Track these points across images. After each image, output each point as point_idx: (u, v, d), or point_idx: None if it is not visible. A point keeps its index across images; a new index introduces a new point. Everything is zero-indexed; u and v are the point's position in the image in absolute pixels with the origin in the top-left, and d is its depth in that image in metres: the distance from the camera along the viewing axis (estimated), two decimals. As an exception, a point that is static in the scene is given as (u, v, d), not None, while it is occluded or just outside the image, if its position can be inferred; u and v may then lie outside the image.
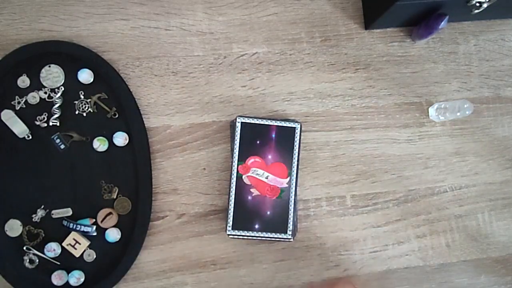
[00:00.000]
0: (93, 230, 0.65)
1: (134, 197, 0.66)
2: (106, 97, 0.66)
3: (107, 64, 0.66)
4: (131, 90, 0.67)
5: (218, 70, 0.69)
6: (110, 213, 0.65)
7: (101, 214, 0.65)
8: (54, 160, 0.65)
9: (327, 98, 0.70)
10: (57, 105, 0.65)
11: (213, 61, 0.69)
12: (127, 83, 0.67)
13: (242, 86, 0.69)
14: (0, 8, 0.66)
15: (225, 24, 0.69)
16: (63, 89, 0.66)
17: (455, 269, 0.71)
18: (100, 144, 0.65)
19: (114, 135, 0.66)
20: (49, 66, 0.65)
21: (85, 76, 0.65)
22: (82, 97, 0.66)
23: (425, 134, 0.71)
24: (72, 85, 0.66)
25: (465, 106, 0.67)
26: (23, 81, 0.65)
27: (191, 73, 0.69)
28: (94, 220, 0.65)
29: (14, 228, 0.64)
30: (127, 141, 0.66)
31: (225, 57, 0.69)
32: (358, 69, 0.71)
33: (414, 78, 0.71)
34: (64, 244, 0.64)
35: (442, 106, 0.69)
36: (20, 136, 0.65)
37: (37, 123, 0.65)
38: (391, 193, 0.70)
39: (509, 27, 0.73)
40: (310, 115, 0.70)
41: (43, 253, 0.64)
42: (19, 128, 0.64)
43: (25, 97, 0.65)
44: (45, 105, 0.65)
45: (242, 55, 0.69)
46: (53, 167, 0.65)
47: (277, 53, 0.70)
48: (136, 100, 0.67)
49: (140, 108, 0.67)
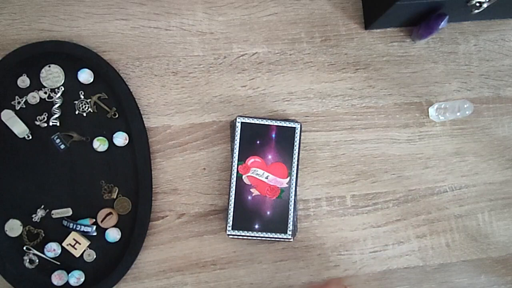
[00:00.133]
0: (93, 230, 0.65)
1: (134, 197, 0.66)
2: (106, 97, 0.66)
3: (107, 64, 0.66)
4: (131, 90, 0.67)
5: (218, 70, 0.69)
6: (110, 213, 0.65)
7: (101, 214, 0.65)
8: (54, 160, 0.65)
9: (327, 98, 0.70)
10: (57, 105, 0.65)
11: (213, 61, 0.69)
12: (127, 83, 0.67)
13: (242, 86, 0.69)
14: (0, 8, 0.66)
15: (225, 24, 0.69)
16: (63, 89, 0.66)
17: (455, 269, 0.71)
18: (100, 144, 0.65)
19: (114, 135, 0.66)
20: (49, 66, 0.65)
21: (85, 76, 0.65)
22: (82, 97, 0.66)
23: (425, 134, 0.71)
24: (72, 85, 0.66)
25: (465, 106, 0.67)
26: (23, 81, 0.65)
27: (191, 73, 0.69)
28: (94, 220, 0.65)
29: (14, 228, 0.64)
30: (127, 141, 0.66)
31: (225, 57, 0.69)
32: (358, 69, 0.71)
33: (414, 78, 0.71)
34: (64, 244, 0.64)
35: (442, 106, 0.69)
36: (20, 136, 0.65)
37: (37, 123, 0.65)
38: (391, 193, 0.70)
39: (509, 27, 0.73)
40: (310, 115, 0.70)
41: (43, 253, 0.64)
42: (19, 128, 0.64)
43: (25, 97, 0.65)
44: (45, 105, 0.65)
45: (242, 55, 0.69)
46: (53, 167, 0.65)
47: (277, 53, 0.70)
48: (136, 100, 0.67)
49: (140, 108, 0.67)
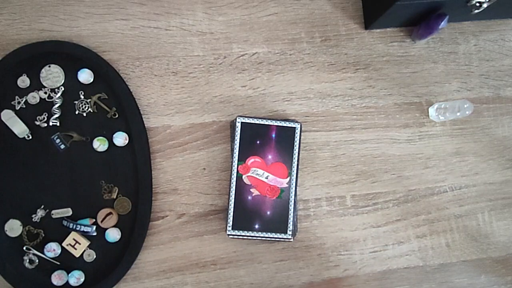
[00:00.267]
0: (93, 230, 0.65)
1: (134, 197, 0.66)
2: (106, 97, 0.66)
3: (107, 64, 0.66)
4: (131, 90, 0.67)
5: (218, 70, 0.69)
6: (110, 213, 0.65)
7: (101, 214, 0.65)
8: (54, 160, 0.65)
9: (327, 98, 0.70)
10: (57, 105, 0.65)
11: (213, 61, 0.69)
12: (127, 83, 0.67)
13: (242, 86, 0.69)
14: (0, 8, 0.66)
15: (225, 24, 0.69)
16: (63, 89, 0.66)
17: (455, 269, 0.71)
18: (100, 144, 0.65)
19: (114, 135, 0.66)
20: (49, 66, 0.65)
21: (85, 76, 0.65)
22: (82, 97, 0.66)
23: (425, 134, 0.71)
24: (72, 85, 0.66)
25: (465, 106, 0.67)
26: (23, 81, 0.65)
27: (191, 73, 0.69)
28: (94, 220, 0.65)
29: (14, 228, 0.64)
30: (127, 141, 0.66)
31: (225, 57, 0.69)
32: (358, 69, 0.71)
33: (414, 78, 0.71)
34: (64, 244, 0.64)
35: (442, 106, 0.69)
36: (20, 136, 0.65)
37: (37, 123, 0.65)
38: (391, 193, 0.70)
39: (509, 27, 0.73)
40: (310, 115, 0.70)
41: (43, 253, 0.64)
42: (19, 128, 0.64)
43: (25, 97, 0.65)
44: (45, 105, 0.65)
45: (242, 55, 0.69)
46: (53, 167, 0.65)
47: (277, 53, 0.70)
48: (136, 100, 0.67)
49: (140, 108, 0.67)
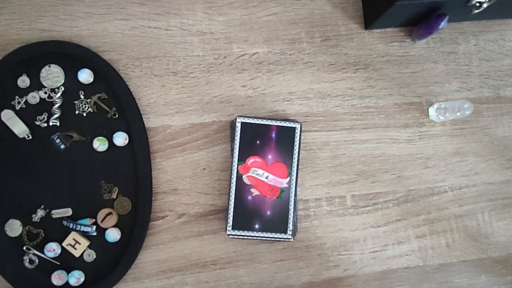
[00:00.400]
0: (93, 230, 0.65)
1: (134, 197, 0.66)
2: (106, 97, 0.66)
3: (107, 64, 0.66)
4: (131, 90, 0.67)
5: (218, 70, 0.69)
6: (110, 213, 0.65)
7: (101, 214, 0.65)
8: (54, 160, 0.65)
9: (327, 98, 0.70)
10: (57, 105, 0.65)
11: (213, 61, 0.69)
12: (127, 83, 0.67)
13: (242, 86, 0.69)
14: (0, 8, 0.66)
15: (225, 24, 0.69)
16: (63, 89, 0.66)
17: (455, 269, 0.71)
18: (100, 144, 0.65)
19: (114, 135, 0.66)
20: (49, 66, 0.65)
21: (85, 76, 0.65)
22: (82, 97, 0.66)
23: (425, 134, 0.71)
24: (72, 85, 0.66)
25: (465, 106, 0.67)
26: (23, 81, 0.65)
27: (191, 73, 0.69)
28: (94, 220, 0.65)
29: (14, 228, 0.64)
30: (127, 141, 0.66)
31: (225, 57, 0.69)
32: (358, 69, 0.71)
33: (414, 78, 0.71)
34: (64, 244, 0.64)
35: (442, 106, 0.69)
36: (20, 136, 0.65)
37: (37, 123, 0.65)
38: (391, 193, 0.70)
39: (509, 27, 0.73)
40: (310, 115, 0.70)
41: (43, 253, 0.64)
42: (19, 128, 0.64)
43: (25, 97, 0.65)
44: (45, 105, 0.65)
45: (242, 55, 0.69)
46: (53, 167, 0.65)
47: (277, 53, 0.70)
48: (136, 100, 0.67)
49: (140, 108, 0.67)
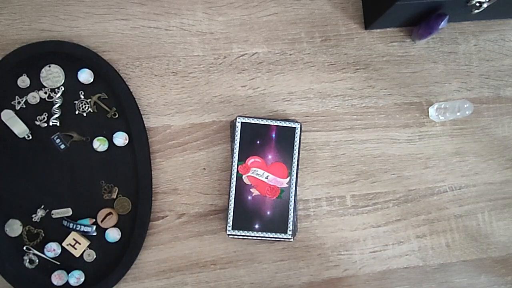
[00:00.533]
0: (93, 230, 0.65)
1: (134, 197, 0.66)
2: (106, 97, 0.66)
3: (107, 64, 0.66)
4: (131, 90, 0.67)
5: (218, 70, 0.69)
6: (110, 213, 0.65)
7: (101, 214, 0.65)
8: (54, 160, 0.65)
9: (327, 98, 0.70)
10: (57, 105, 0.65)
11: (213, 61, 0.69)
12: (127, 83, 0.67)
13: (242, 86, 0.69)
14: (0, 8, 0.66)
15: (225, 24, 0.69)
16: (63, 89, 0.66)
17: (455, 269, 0.71)
18: (100, 144, 0.65)
19: (114, 135, 0.66)
20: (49, 66, 0.65)
21: (85, 76, 0.65)
22: (82, 97, 0.66)
23: (425, 134, 0.71)
24: (72, 85, 0.66)
25: (465, 106, 0.67)
26: (23, 81, 0.65)
27: (191, 73, 0.69)
28: (94, 220, 0.65)
29: (14, 228, 0.64)
30: (127, 141, 0.66)
31: (225, 57, 0.69)
32: (358, 69, 0.71)
33: (414, 78, 0.71)
34: (64, 244, 0.64)
35: (442, 106, 0.69)
36: (20, 136, 0.65)
37: (37, 123, 0.65)
38: (391, 193, 0.70)
39: (509, 27, 0.73)
40: (310, 115, 0.70)
41: (43, 253, 0.64)
42: (19, 128, 0.64)
43: (25, 97, 0.65)
44: (45, 105, 0.65)
45: (242, 55, 0.69)
46: (53, 167, 0.65)
47: (277, 53, 0.70)
48: (136, 100, 0.67)
49: (140, 108, 0.67)
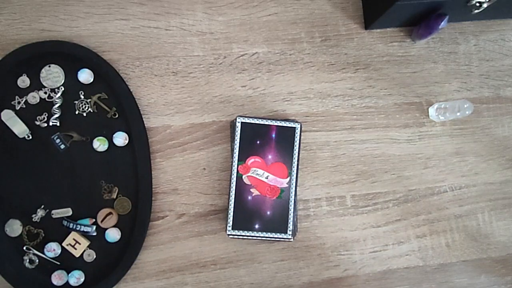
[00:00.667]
0: (93, 230, 0.65)
1: (134, 197, 0.66)
2: (106, 97, 0.66)
3: (107, 64, 0.66)
4: (131, 90, 0.67)
5: (218, 70, 0.69)
6: (110, 213, 0.65)
7: (101, 214, 0.65)
8: (54, 160, 0.65)
9: (327, 98, 0.70)
10: (57, 105, 0.65)
11: (213, 61, 0.69)
12: (127, 83, 0.67)
13: (242, 86, 0.69)
14: (0, 8, 0.66)
15: (225, 24, 0.69)
16: (63, 89, 0.66)
17: (455, 269, 0.71)
18: (100, 144, 0.65)
19: (114, 135, 0.66)
20: (49, 66, 0.65)
21: (85, 76, 0.65)
22: (82, 97, 0.66)
23: (425, 134, 0.71)
24: (72, 85, 0.66)
25: (465, 106, 0.67)
26: (23, 81, 0.65)
27: (191, 73, 0.69)
28: (94, 220, 0.65)
29: (14, 228, 0.64)
30: (127, 141, 0.66)
31: (225, 57, 0.69)
32: (358, 69, 0.71)
33: (414, 78, 0.71)
34: (64, 244, 0.64)
35: (442, 106, 0.69)
36: (20, 136, 0.65)
37: (37, 123, 0.65)
38: (391, 193, 0.70)
39: (509, 27, 0.73)
40: (310, 115, 0.70)
41: (43, 253, 0.64)
42: (19, 128, 0.64)
43: (25, 97, 0.65)
44: (45, 105, 0.65)
45: (242, 55, 0.69)
46: (53, 167, 0.65)
47: (277, 53, 0.70)
48: (136, 100, 0.67)
49: (140, 108, 0.67)
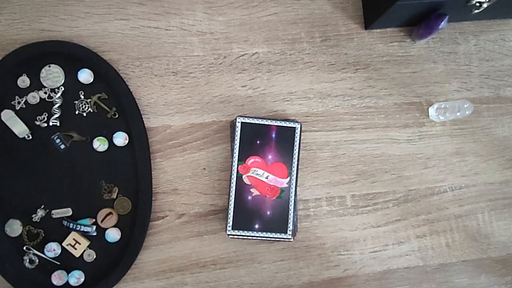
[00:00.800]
0: (93, 230, 0.65)
1: (134, 197, 0.66)
2: (106, 97, 0.66)
3: (107, 64, 0.66)
4: (131, 90, 0.67)
5: (218, 70, 0.69)
6: (110, 213, 0.65)
7: (101, 214, 0.65)
8: (54, 160, 0.65)
9: (327, 98, 0.70)
10: (57, 105, 0.65)
11: (213, 61, 0.69)
12: (127, 83, 0.67)
13: (242, 86, 0.69)
14: (0, 8, 0.66)
15: (225, 24, 0.69)
16: (63, 89, 0.66)
17: (455, 269, 0.71)
18: (100, 144, 0.65)
19: (114, 135, 0.66)
20: (49, 66, 0.65)
21: (85, 76, 0.65)
22: (82, 97, 0.66)
23: (425, 134, 0.71)
24: (72, 85, 0.66)
25: (465, 106, 0.67)
26: (23, 81, 0.65)
27: (191, 73, 0.69)
28: (94, 220, 0.65)
29: (14, 228, 0.64)
30: (127, 141, 0.66)
31: (225, 57, 0.69)
32: (358, 69, 0.71)
33: (414, 78, 0.71)
34: (64, 244, 0.64)
35: (442, 106, 0.69)
36: (20, 136, 0.65)
37: (37, 123, 0.65)
38: (391, 193, 0.70)
39: (509, 27, 0.73)
40: (310, 115, 0.70)
41: (43, 253, 0.64)
42: (19, 128, 0.64)
43: (25, 97, 0.65)
44: (45, 105, 0.65)
45: (242, 55, 0.69)
46: (53, 167, 0.65)
47: (277, 53, 0.70)
48: (136, 100, 0.67)
49: (140, 108, 0.67)
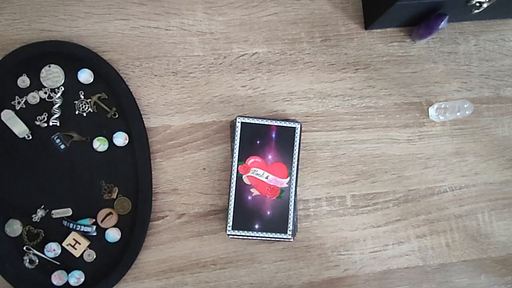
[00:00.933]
0: (93, 230, 0.65)
1: (134, 197, 0.66)
2: (106, 97, 0.66)
3: (107, 64, 0.66)
4: (131, 90, 0.67)
5: (218, 70, 0.69)
6: (110, 213, 0.65)
7: (101, 214, 0.65)
8: (54, 160, 0.65)
9: (327, 98, 0.70)
10: (57, 105, 0.65)
11: (213, 61, 0.69)
12: (127, 83, 0.67)
13: (242, 86, 0.69)
14: (0, 8, 0.66)
15: (225, 24, 0.69)
16: (63, 89, 0.66)
17: (455, 269, 0.71)
18: (100, 144, 0.65)
19: (114, 135, 0.66)
20: (49, 66, 0.65)
21: (85, 76, 0.65)
22: (82, 97, 0.66)
23: (425, 134, 0.71)
24: (72, 85, 0.66)
25: (465, 106, 0.67)
26: (23, 81, 0.65)
27: (191, 73, 0.69)
28: (94, 220, 0.65)
29: (14, 228, 0.64)
30: (127, 141, 0.66)
31: (225, 57, 0.69)
32: (358, 69, 0.71)
33: (414, 78, 0.71)
34: (64, 244, 0.64)
35: (442, 106, 0.69)
36: (20, 136, 0.65)
37: (37, 123, 0.65)
38: (391, 193, 0.70)
39: (509, 27, 0.73)
40: (310, 115, 0.70)
41: (43, 253, 0.64)
42: (19, 128, 0.64)
43: (25, 97, 0.65)
44: (45, 105, 0.65)
45: (242, 55, 0.69)
46: (53, 167, 0.65)
47: (277, 53, 0.70)
48: (136, 100, 0.67)
49: (140, 108, 0.67)
